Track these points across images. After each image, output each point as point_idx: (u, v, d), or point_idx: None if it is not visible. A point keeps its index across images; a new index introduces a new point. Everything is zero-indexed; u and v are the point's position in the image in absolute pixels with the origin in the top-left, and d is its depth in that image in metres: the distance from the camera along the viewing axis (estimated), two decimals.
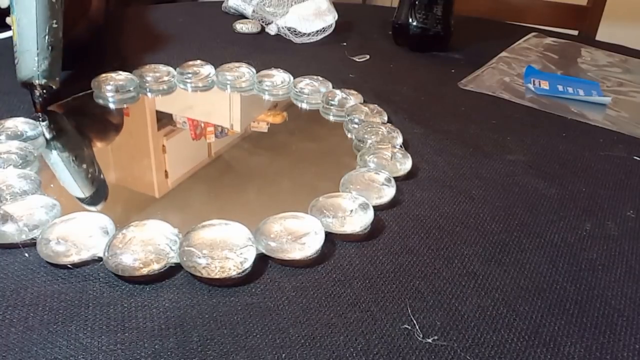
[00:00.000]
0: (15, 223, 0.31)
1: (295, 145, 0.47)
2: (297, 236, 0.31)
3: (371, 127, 0.45)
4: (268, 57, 0.64)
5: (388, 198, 0.37)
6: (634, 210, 0.40)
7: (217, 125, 0.49)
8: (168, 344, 0.26)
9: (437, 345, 0.27)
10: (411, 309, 0.29)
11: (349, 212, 0.34)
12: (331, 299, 0.29)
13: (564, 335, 0.28)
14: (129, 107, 0.50)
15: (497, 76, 0.63)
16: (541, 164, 0.45)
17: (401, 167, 0.41)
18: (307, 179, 0.42)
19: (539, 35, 0.80)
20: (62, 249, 0.30)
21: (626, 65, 0.71)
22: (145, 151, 0.45)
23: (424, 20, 0.68)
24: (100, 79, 0.50)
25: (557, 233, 0.37)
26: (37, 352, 0.25)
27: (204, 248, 0.29)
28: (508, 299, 0.30)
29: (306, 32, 0.70)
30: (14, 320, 0.27)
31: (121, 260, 0.29)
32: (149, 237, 0.30)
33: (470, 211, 0.38)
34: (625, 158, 0.47)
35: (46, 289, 0.29)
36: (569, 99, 0.58)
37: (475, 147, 0.47)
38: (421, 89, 0.59)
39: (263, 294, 0.29)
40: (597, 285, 0.32)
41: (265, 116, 0.51)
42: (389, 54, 0.69)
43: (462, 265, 0.33)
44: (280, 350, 0.26)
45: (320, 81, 0.54)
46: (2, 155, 0.37)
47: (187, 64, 0.55)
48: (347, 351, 0.26)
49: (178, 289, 0.29)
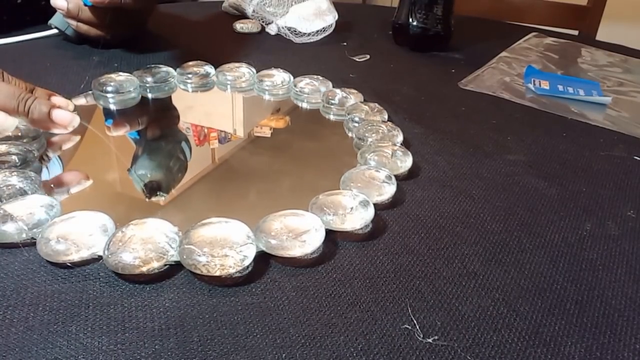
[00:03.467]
0: (15, 222, 0.31)
1: (295, 144, 0.47)
2: (297, 233, 0.31)
3: (371, 126, 0.45)
4: (268, 57, 0.64)
5: (388, 195, 0.37)
6: (634, 210, 0.40)
7: (221, 130, 0.48)
8: (168, 344, 0.26)
9: (438, 345, 0.27)
10: (411, 308, 0.29)
11: (349, 209, 0.34)
12: (331, 298, 0.29)
13: (564, 335, 0.28)
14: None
15: (497, 76, 0.63)
16: (541, 163, 0.45)
17: (402, 165, 0.41)
18: (307, 178, 0.42)
19: (539, 35, 0.80)
20: (62, 248, 0.30)
21: (626, 65, 0.71)
22: None
23: (424, 20, 0.68)
24: (100, 80, 0.50)
25: (558, 233, 0.37)
26: (37, 352, 0.25)
27: (204, 246, 0.29)
28: (508, 299, 0.30)
29: (306, 32, 0.70)
30: (14, 320, 0.27)
31: (121, 258, 0.29)
32: (149, 235, 0.30)
33: (470, 211, 0.38)
34: (625, 158, 0.47)
35: (46, 289, 0.29)
36: (569, 99, 0.58)
37: (476, 147, 0.47)
38: (421, 88, 0.59)
39: (263, 293, 0.29)
40: (598, 285, 0.32)
41: (268, 121, 0.51)
42: (389, 54, 0.69)
43: (462, 265, 0.33)
44: (280, 350, 0.26)
45: (321, 81, 0.54)
46: (2, 155, 0.37)
47: (188, 65, 0.55)
48: (347, 351, 0.26)
49: (178, 288, 0.29)
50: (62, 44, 0.62)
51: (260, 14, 0.74)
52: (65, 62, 0.46)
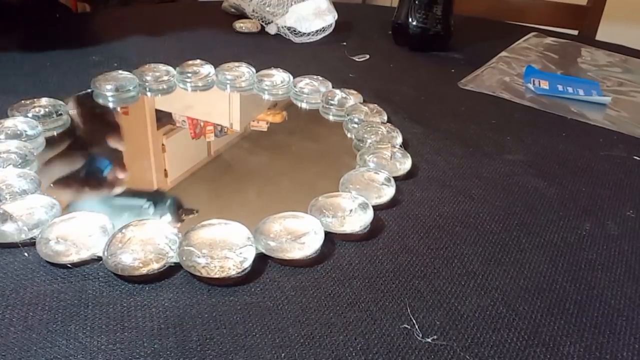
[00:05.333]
0: (15, 222, 0.31)
1: (294, 144, 0.47)
2: (297, 236, 0.31)
3: (371, 127, 0.45)
4: (268, 57, 0.64)
5: (388, 198, 0.37)
6: (634, 210, 0.40)
7: (217, 124, 0.49)
8: (167, 343, 0.26)
9: (437, 344, 0.27)
10: (411, 308, 0.29)
11: (348, 211, 0.34)
12: (330, 298, 0.29)
13: (564, 335, 0.28)
14: (128, 107, 0.50)
15: (497, 76, 0.63)
16: (541, 163, 0.45)
17: (401, 167, 0.41)
18: (306, 179, 0.42)
19: (539, 35, 0.80)
20: (62, 249, 0.30)
21: (626, 65, 0.71)
22: (144, 150, 0.45)
23: (424, 20, 0.68)
24: (100, 79, 0.50)
25: (557, 233, 0.37)
26: (37, 352, 0.25)
27: (204, 248, 0.29)
28: (507, 299, 0.30)
29: (306, 31, 0.70)
30: (14, 319, 0.27)
31: (121, 259, 0.29)
32: (149, 236, 0.30)
33: (470, 211, 0.38)
34: (625, 158, 0.47)
35: (46, 289, 0.29)
36: (569, 99, 0.58)
37: (475, 147, 0.47)
38: (421, 88, 0.59)
39: (262, 293, 0.29)
40: (597, 285, 0.32)
41: (265, 115, 0.51)
42: (389, 54, 0.69)
43: (461, 265, 0.33)
44: (279, 350, 0.26)
45: (320, 81, 0.54)
46: (1, 154, 0.37)
47: (187, 64, 0.55)
48: (347, 351, 0.26)
49: (177, 288, 0.29)
50: (62, 43, 0.62)
51: (259, 14, 0.74)
52: (65, 61, 0.46)
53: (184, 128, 0.48)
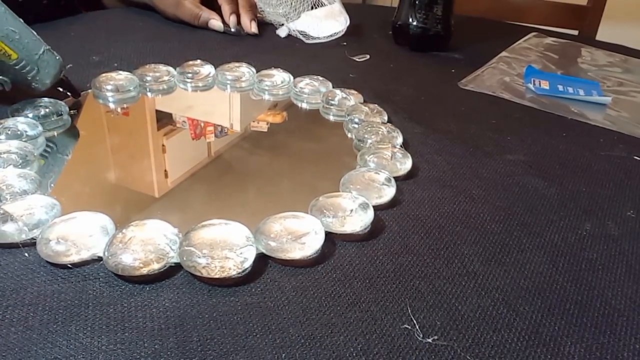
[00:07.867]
0: (15, 222, 0.31)
1: (295, 145, 0.47)
2: (297, 236, 0.31)
3: (371, 127, 0.45)
4: (268, 57, 0.64)
5: (388, 198, 0.37)
6: (634, 210, 0.40)
7: (217, 124, 0.49)
8: (168, 343, 0.26)
9: (437, 345, 0.27)
10: (411, 308, 0.29)
11: (349, 211, 0.34)
12: (331, 298, 0.29)
13: (564, 335, 0.28)
14: (129, 107, 0.50)
15: (497, 76, 0.63)
16: (541, 163, 0.45)
17: (401, 167, 0.41)
18: (307, 179, 0.42)
19: (539, 35, 0.80)
20: (62, 249, 0.30)
21: (626, 65, 0.71)
22: (145, 151, 0.45)
23: (424, 20, 0.68)
24: (100, 79, 0.50)
25: (557, 233, 0.37)
26: (37, 352, 0.25)
27: (204, 248, 0.29)
28: (508, 299, 0.30)
29: (317, 35, 0.70)
30: (14, 320, 0.27)
31: (121, 259, 0.29)
32: (149, 236, 0.30)
33: (470, 211, 0.38)
34: (625, 158, 0.47)
35: (46, 289, 0.29)
36: (569, 99, 0.58)
37: (475, 147, 0.47)
38: (421, 88, 0.59)
39: (263, 293, 0.29)
40: (597, 285, 0.32)
41: (265, 116, 0.51)
42: (389, 54, 0.69)
43: (462, 265, 0.33)
44: (280, 350, 0.26)
45: (320, 81, 0.54)
46: (2, 155, 0.37)
47: (187, 64, 0.55)
48: (347, 351, 0.26)
49: (178, 288, 0.29)
50: (61, 44, 0.62)
51: (269, 18, 0.74)
52: (65, 61, 0.46)
53: (185, 128, 0.48)
